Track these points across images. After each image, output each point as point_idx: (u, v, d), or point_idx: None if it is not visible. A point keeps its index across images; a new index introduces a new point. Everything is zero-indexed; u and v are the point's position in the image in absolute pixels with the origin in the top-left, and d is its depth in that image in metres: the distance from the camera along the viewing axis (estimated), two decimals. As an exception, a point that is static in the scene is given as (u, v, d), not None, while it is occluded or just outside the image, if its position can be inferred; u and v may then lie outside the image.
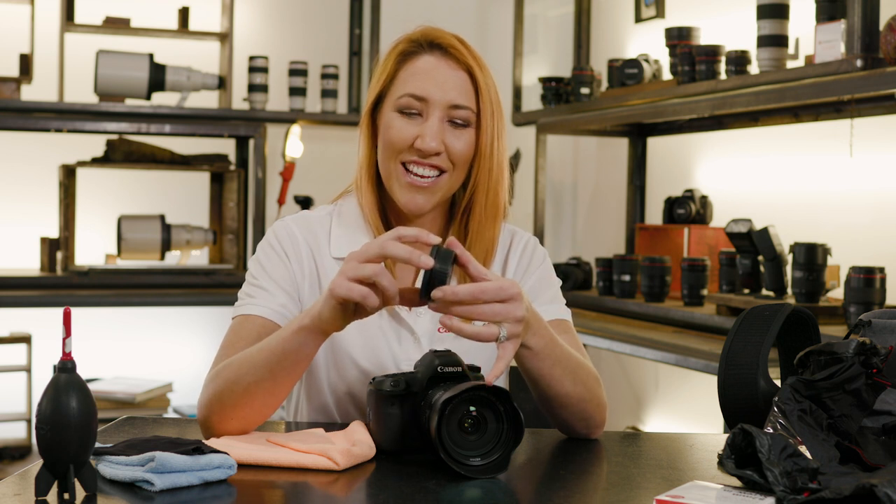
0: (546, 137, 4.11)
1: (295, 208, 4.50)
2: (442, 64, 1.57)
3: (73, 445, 1.13)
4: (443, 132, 1.56)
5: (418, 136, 1.55)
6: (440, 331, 1.63)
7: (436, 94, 1.55)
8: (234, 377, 1.43)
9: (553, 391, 1.48)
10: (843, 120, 3.06)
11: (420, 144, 1.55)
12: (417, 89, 1.56)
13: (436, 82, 1.55)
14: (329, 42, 4.92)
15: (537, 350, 1.43)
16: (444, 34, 1.59)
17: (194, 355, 4.67)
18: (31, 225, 4.47)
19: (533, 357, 1.44)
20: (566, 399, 1.50)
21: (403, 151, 1.56)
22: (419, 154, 1.55)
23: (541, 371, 1.46)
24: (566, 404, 1.50)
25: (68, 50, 4.22)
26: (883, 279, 2.68)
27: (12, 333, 4.23)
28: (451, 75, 1.56)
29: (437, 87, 1.55)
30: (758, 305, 1.47)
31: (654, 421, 4.08)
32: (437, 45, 1.58)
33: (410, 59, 1.58)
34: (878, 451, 1.25)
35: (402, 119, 1.57)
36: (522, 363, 1.46)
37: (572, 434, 1.55)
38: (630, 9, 4.27)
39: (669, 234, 3.73)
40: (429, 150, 1.54)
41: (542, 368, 1.46)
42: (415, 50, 1.59)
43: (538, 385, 1.49)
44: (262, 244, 1.64)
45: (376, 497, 1.25)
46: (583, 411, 1.52)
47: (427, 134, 1.55)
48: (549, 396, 1.50)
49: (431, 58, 1.57)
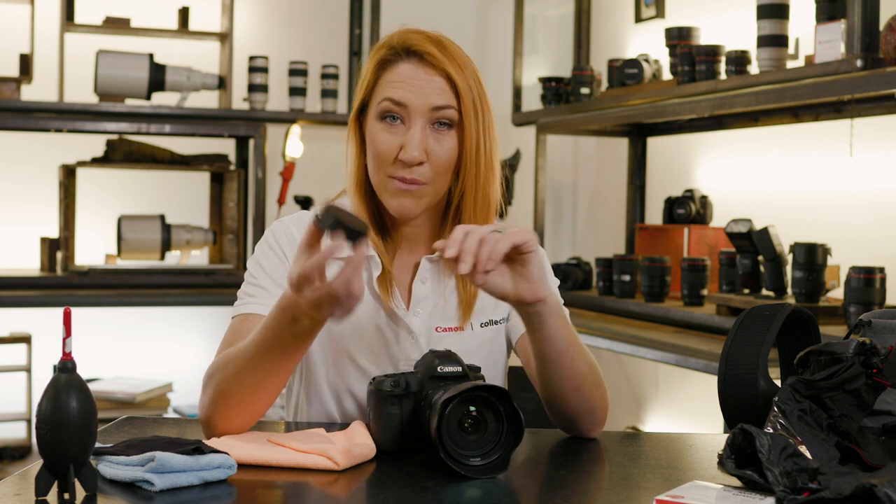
0: (546, 137, 4.11)
1: (295, 208, 4.50)
2: (419, 71, 1.57)
3: (73, 445, 1.13)
4: (426, 139, 1.56)
5: (402, 147, 1.56)
6: (437, 330, 1.64)
7: (415, 99, 1.56)
8: (232, 366, 1.42)
9: (570, 371, 1.48)
10: (843, 120, 3.06)
11: (403, 156, 1.55)
12: (396, 95, 1.57)
13: (414, 89, 1.56)
14: (329, 42, 4.92)
15: (554, 328, 1.44)
16: (421, 40, 1.59)
17: (194, 355, 4.68)
18: (31, 225, 4.47)
19: (551, 335, 1.44)
20: (581, 381, 1.50)
21: (389, 165, 1.57)
22: (403, 165, 1.56)
23: (560, 350, 1.46)
24: (581, 386, 1.50)
25: (68, 50, 4.22)
26: (883, 279, 2.68)
27: (12, 333, 4.23)
28: (430, 81, 1.57)
29: (416, 93, 1.56)
30: (758, 305, 1.47)
31: (654, 421, 4.08)
32: (413, 52, 1.58)
33: (389, 66, 1.59)
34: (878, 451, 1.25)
35: (385, 129, 1.57)
36: (541, 343, 1.46)
37: (575, 430, 1.55)
38: (630, 9, 4.27)
39: (669, 234, 3.73)
40: (411, 160, 1.55)
41: (560, 347, 1.46)
42: (392, 58, 1.59)
43: (555, 364, 1.48)
44: (261, 244, 1.65)
45: (376, 497, 1.25)
46: (591, 399, 1.52)
47: (409, 144, 1.55)
48: (564, 377, 1.49)
49: (409, 65, 1.58)
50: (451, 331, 1.65)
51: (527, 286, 1.39)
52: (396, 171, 1.56)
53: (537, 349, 1.48)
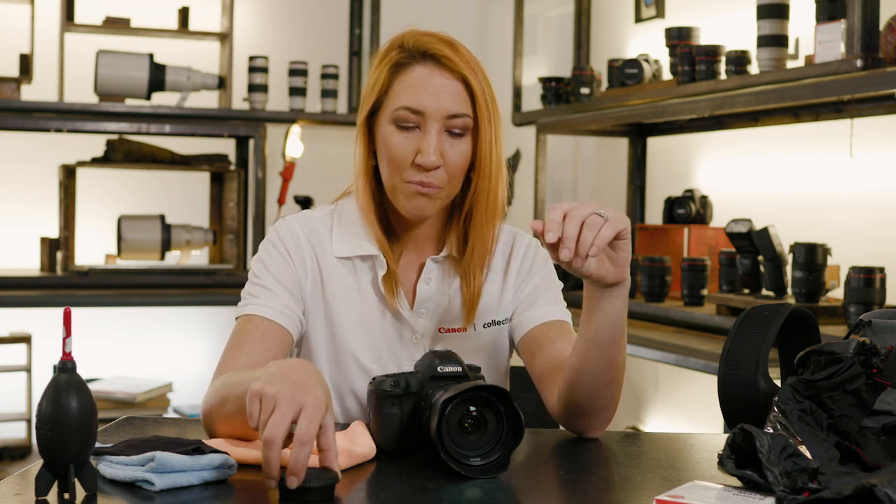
0: (546, 137, 4.11)
1: (295, 208, 4.50)
2: (436, 74, 1.56)
3: (73, 445, 1.13)
4: (441, 144, 1.56)
5: (418, 152, 1.56)
6: (441, 331, 1.64)
7: (432, 105, 1.55)
8: (222, 399, 1.40)
9: (614, 360, 1.48)
10: (843, 120, 3.06)
11: (420, 160, 1.55)
12: (413, 102, 1.56)
13: (431, 94, 1.55)
14: (329, 42, 4.92)
15: (618, 310, 1.44)
16: (434, 42, 1.58)
17: (194, 355, 4.68)
18: (31, 225, 4.47)
19: (614, 317, 1.44)
20: (616, 373, 1.50)
21: (406, 169, 1.56)
22: (419, 169, 1.56)
23: (614, 335, 1.46)
24: (614, 379, 1.50)
25: (68, 50, 4.22)
26: (883, 279, 2.68)
27: (12, 333, 4.23)
28: (446, 85, 1.56)
29: (433, 98, 1.55)
30: (758, 305, 1.47)
31: (654, 421, 4.08)
32: (429, 55, 1.57)
33: (403, 70, 1.58)
34: (878, 451, 1.25)
35: (400, 134, 1.57)
36: (599, 324, 1.44)
37: (581, 427, 1.54)
38: (630, 9, 4.27)
39: (669, 234, 3.73)
40: (429, 164, 1.55)
41: (616, 331, 1.46)
42: (407, 61, 1.58)
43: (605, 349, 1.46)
44: (265, 243, 1.65)
45: (376, 497, 1.25)
46: (614, 397, 1.52)
47: (426, 149, 1.55)
48: (607, 365, 1.48)
49: (424, 69, 1.57)
50: (454, 331, 1.65)
51: (612, 269, 1.39)
52: (413, 175, 1.56)
53: (592, 331, 1.46)
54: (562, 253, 1.31)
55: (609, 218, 1.34)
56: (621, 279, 1.41)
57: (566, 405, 1.54)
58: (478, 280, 1.65)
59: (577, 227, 1.32)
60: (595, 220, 1.33)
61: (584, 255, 1.32)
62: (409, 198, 1.58)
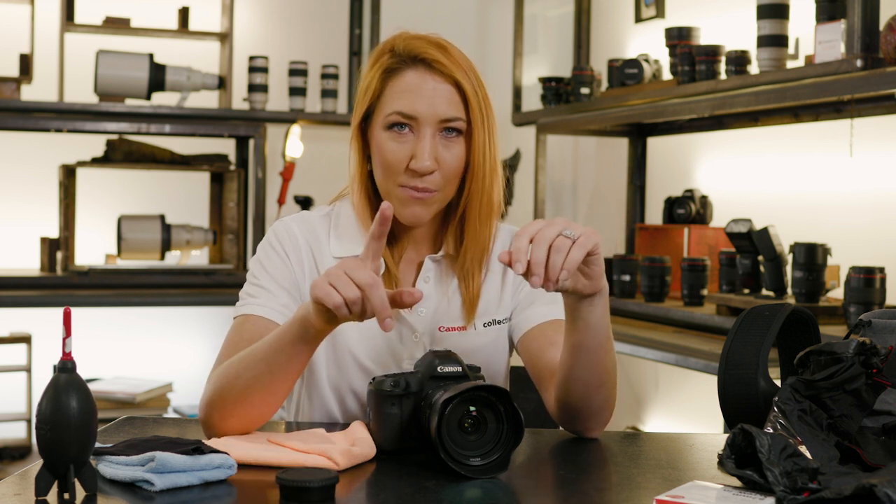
0: (546, 137, 4.10)
1: (295, 208, 4.50)
2: (427, 78, 1.56)
3: (73, 445, 1.13)
4: (435, 148, 1.56)
5: (412, 157, 1.56)
6: (441, 329, 1.64)
7: (424, 110, 1.55)
8: (235, 374, 1.43)
9: (601, 364, 1.48)
10: (843, 120, 3.06)
11: (414, 165, 1.55)
12: (405, 107, 1.56)
13: (423, 99, 1.55)
14: (329, 42, 4.92)
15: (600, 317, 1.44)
16: (425, 46, 1.58)
17: (194, 355, 4.68)
18: (31, 225, 4.47)
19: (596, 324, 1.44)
20: (607, 376, 1.50)
21: (400, 174, 1.57)
22: (414, 174, 1.56)
23: (599, 341, 1.46)
24: (605, 382, 1.50)
25: (68, 50, 4.22)
26: (883, 279, 2.68)
27: (12, 333, 4.23)
28: (438, 89, 1.56)
29: (425, 103, 1.55)
30: (758, 305, 1.47)
31: (654, 421, 4.08)
32: (420, 59, 1.57)
33: (395, 75, 1.58)
34: (878, 451, 1.25)
35: (394, 139, 1.57)
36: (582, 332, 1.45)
37: (579, 428, 1.55)
38: (630, 9, 4.27)
39: (669, 234, 3.73)
40: (423, 169, 1.55)
41: (601, 337, 1.46)
42: (398, 66, 1.58)
43: (591, 355, 1.47)
44: (263, 244, 1.65)
45: (376, 497, 1.25)
46: (608, 398, 1.53)
47: (420, 154, 1.55)
48: (595, 369, 1.48)
49: (415, 73, 1.57)
50: (454, 330, 1.65)
51: (587, 282, 1.39)
52: (407, 180, 1.56)
53: (576, 338, 1.46)
54: (531, 280, 1.31)
55: (577, 237, 1.32)
56: (597, 290, 1.41)
57: (562, 407, 1.55)
58: (476, 279, 1.65)
59: (545, 252, 1.31)
60: (562, 242, 1.31)
61: (555, 280, 1.31)
62: (405, 204, 1.58)
